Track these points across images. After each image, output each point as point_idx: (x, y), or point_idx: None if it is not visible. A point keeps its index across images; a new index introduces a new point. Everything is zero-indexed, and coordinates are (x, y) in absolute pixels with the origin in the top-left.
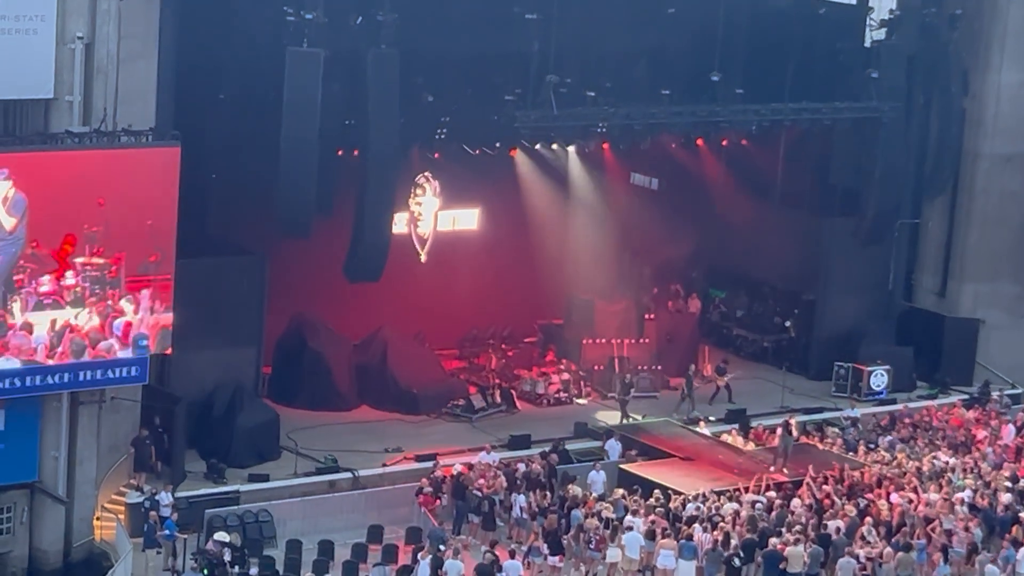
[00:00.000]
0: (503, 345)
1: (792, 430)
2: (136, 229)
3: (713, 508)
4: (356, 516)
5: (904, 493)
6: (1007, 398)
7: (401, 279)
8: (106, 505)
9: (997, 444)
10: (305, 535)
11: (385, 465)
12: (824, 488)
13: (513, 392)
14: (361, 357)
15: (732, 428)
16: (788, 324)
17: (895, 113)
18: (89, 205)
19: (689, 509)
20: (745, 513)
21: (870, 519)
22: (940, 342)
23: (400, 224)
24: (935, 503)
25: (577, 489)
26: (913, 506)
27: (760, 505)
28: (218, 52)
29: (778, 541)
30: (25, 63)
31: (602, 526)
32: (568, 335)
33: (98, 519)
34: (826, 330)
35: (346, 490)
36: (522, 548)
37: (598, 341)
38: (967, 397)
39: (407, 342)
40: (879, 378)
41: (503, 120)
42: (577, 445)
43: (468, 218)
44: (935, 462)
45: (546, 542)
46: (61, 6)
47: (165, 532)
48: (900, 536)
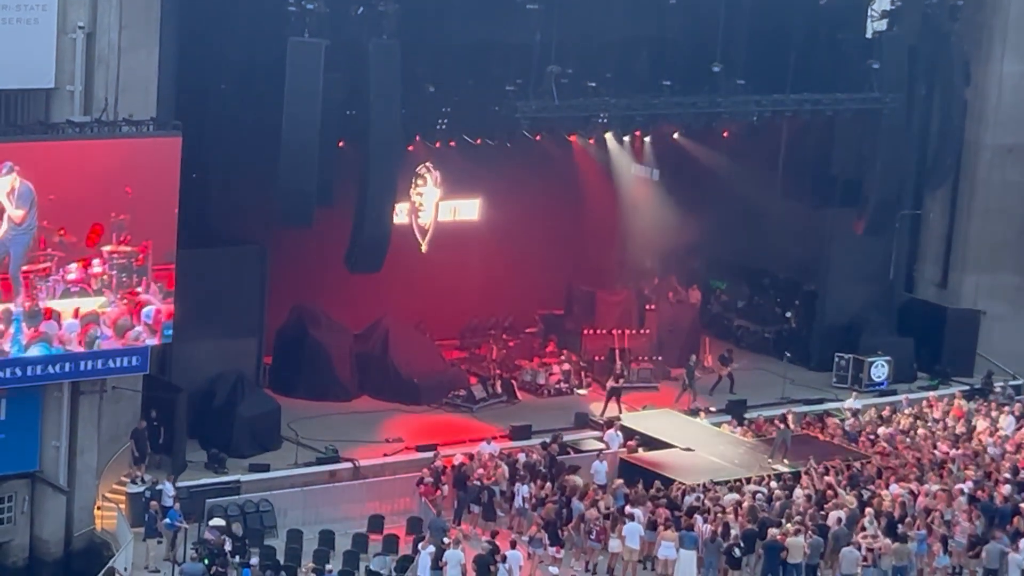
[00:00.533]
0: (504, 335)
1: (789, 423)
2: (165, 218)
3: (713, 499)
4: (357, 506)
5: (904, 484)
6: (1010, 389)
7: (402, 269)
8: (107, 495)
9: (997, 435)
10: (306, 525)
11: (386, 455)
12: (826, 479)
13: (514, 382)
14: (362, 347)
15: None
16: (789, 315)
17: (896, 104)
18: (117, 193)
19: (689, 499)
20: (746, 503)
21: (871, 510)
22: (941, 333)
23: (401, 214)
24: (935, 494)
25: (577, 479)
26: (913, 497)
27: (761, 495)
28: (219, 42)
29: (778, 531)
30: (26, 52)
31: (602, 516)
32: (569, 325)
33: (99, 509)
34: (827, 321)
35: (347, 480)
36: (523, 538)
37: (599, 332)
38: (968, 388)
39: (408, 332)
40: (880, 369)
41: (504, 110)
42: (577, 436)
43: (469, 208)
44: (935, 453)
45: (545, 532)
46: None
47: (167, 522)
48: (903, 527)
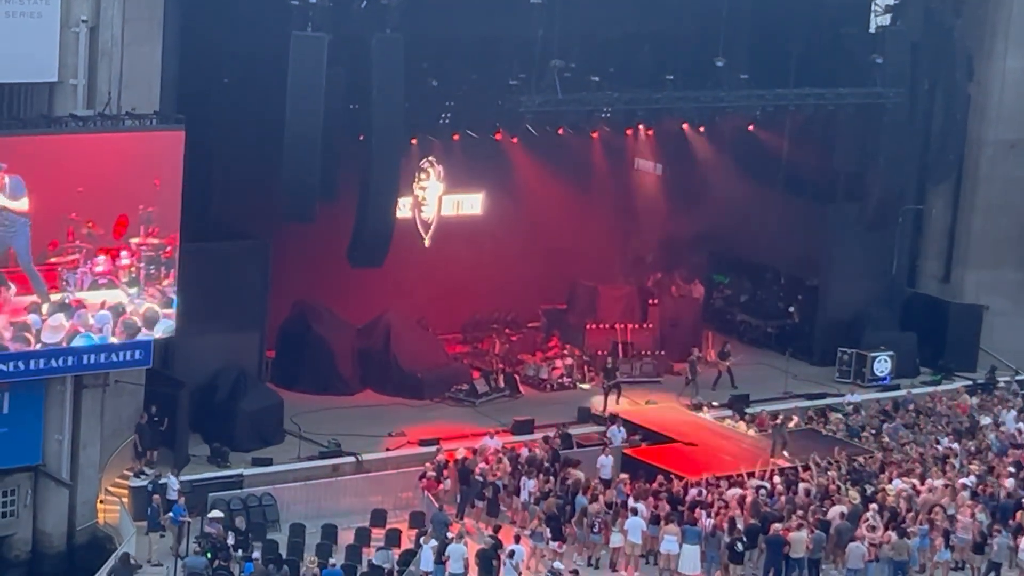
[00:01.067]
0: (507, 330)
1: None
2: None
3: (716, 493)
4: (359, 500)
5: (907, 479)
6: (1015, 384)
7: (405, 264)
8: (109, 488)
9: (1000, 430)
10: (308, 519)
11: (388, 449)
12: (829, 474)
13: (516, 377)
14: (364, 342)
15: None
16: (792, 310)
17: (899, 99)
18: (146, 185)
19: (692, 494)
20: (749, 498)
21: (875, 505)
22: (944, 328)
23: (404, 209)
24: (938, 489)
25: (579, 473)
26: (917, 492)
27: (764, 490)
28: (222, 36)
29: (781, 526)
30: (29, 46)
31: (604, 510)
32: (572, 320)
33: (101, 502)
34: (830, 316)
35: (349, 474)
36: (525, 532)
37: (601, 326)
38: (971, 383)
39: (410, 327)
40: (882, 364)
41: (507, 105)
42: (580, 430)
43: (472, 203)
44: (938, 448)
45: (547, 527)
46: None
47: (171, 515)
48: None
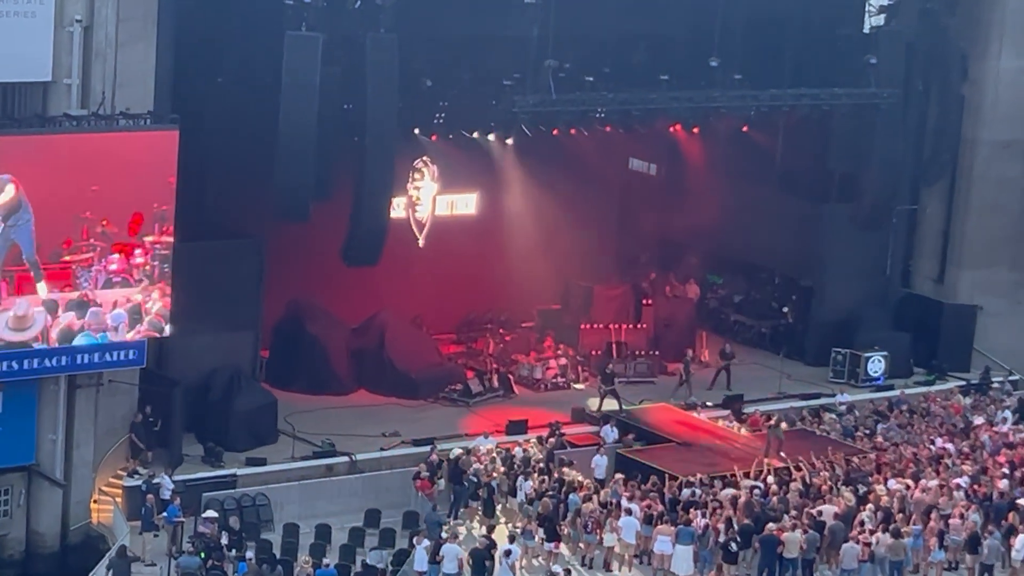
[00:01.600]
0: (501, 330)
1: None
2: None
3: (711, 493)
4: (353, 500)
5: (901, 479)
6: (1008, 384)
7: (399, 264)
8: (103, 488)
9: (994, 431)
10: (302, 519)
11: (383, 449)
12: (822, 474)
13: (511, 377)
14: (359, 341)
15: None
16: (786, 310)
17: (893, 99)
18: (160, 184)
19: (685, 494)
20: (742, 498)
21: (870, 505)
22: (937, 328)
23: (398, 208)
24: (932, 489)
25: (573, 473)
26: (910, 492)
27: (757, 490)
28: (217, 35)
29: (775, 526)
30: (24, 46)
31: (598, 510)
32: (566, 320)
33: (95, 502)
34: (823, 316)
35: (343, 474)
36: (516, 530)
37: (596, 326)
38: (964, 384)
39: (405, 326)
40: (876, 364)
41: (501, 104)
42: (575, 430)
43: (466, 203)
44: (932, 448)
45: (541, 527)
46: None
47: (165, 515)
48: (899, 522)
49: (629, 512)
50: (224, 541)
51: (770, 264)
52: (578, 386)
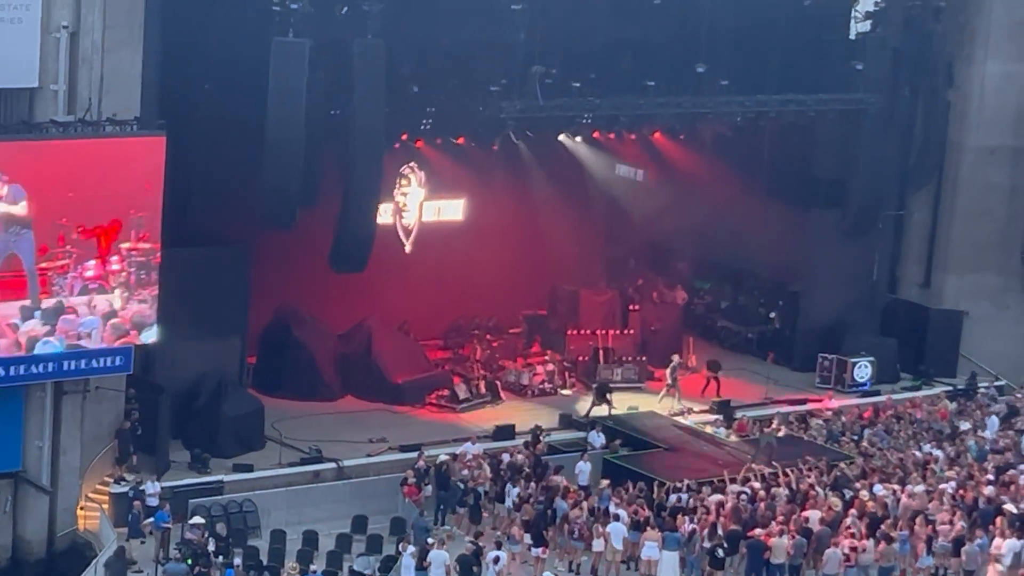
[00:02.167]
0: (488, 336)
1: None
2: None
3: (699, 499)
4: (340, 506)
5: (888, 485)
6: (993, 390)
7: (386, 270)
8: (90, 495)
9: (980, 436)
10: (289, 525)
11: (370, 455)
12: (808, 480)
13: (498, 383)
14: (346, 347)
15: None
16: (772, 315)
17: (880, 105)
18: (137, 190)
19: (672, 500)
20: (729, 504)
21: (854, 511)
22: (924, 334)
23: (385, 215)
24: (919, 495)
25: (561, 479)
26: (897, 498)
27: (745, 496)
28: (203, 41)
29: (762, 532)
30: (10, 52)
31: (585, 515)
32: (553, 326)
33: (82, 509)
34: (810, 321)
35: (330, 480)
36: (502, 536)
37: (583, 332)
38: (951, 389)
39: (392, 332)
40: (863, 370)
41: (489, 111)
42: (561, 436)
43: (453, 209)
44: (918, 453)
45: (527, 533)
46: None
47: (151, 521)
48: (885, 527)
49: (617, 518)
50: (211, 548)
51: (757, 270)
52: (565, 392)
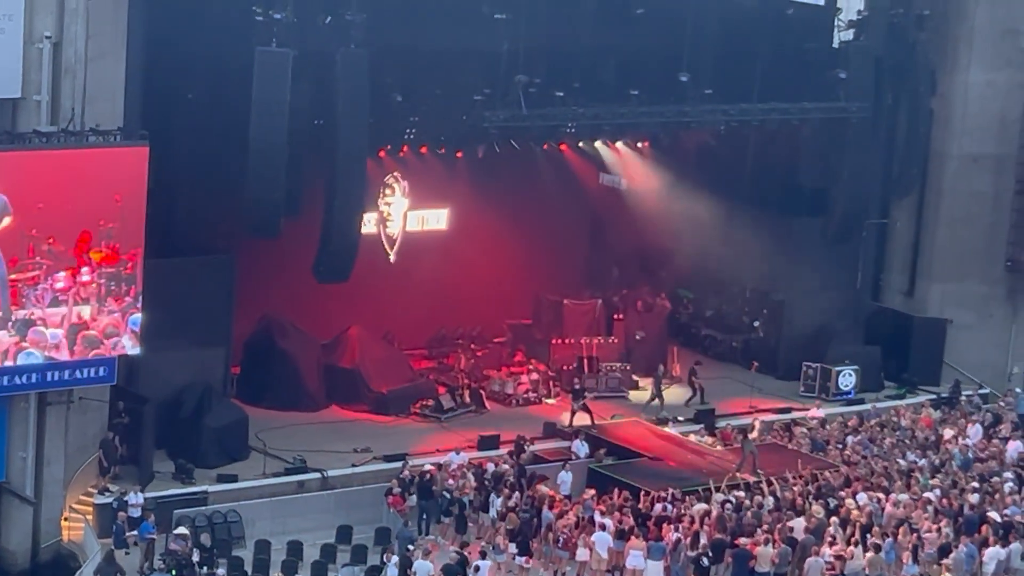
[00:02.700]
0: (472, 345)
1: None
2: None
3: (684, 508)
4: (325, 516)
5: (872, 493)
6: (977, 398)
7: (370, 279)
8: (74, 506)
9: (963, 444)
10: (274, 535)
11: (354, 465)
12: (793, 489)
13: (482, 392)
14: (330, 357)
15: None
16: (756, 324)
17: (863, 113)
18: (106, 201)
19: (657, 509)
20: (714, 513)
21: (836, 519)
22: (908, 342)
23: (369, 224)
24: (903, 503)
25: (545, 489)
26: (881, 506)
27: (729, 505)
28: (186, 51)
29: (748, 540)
30: None
31: (572, 525)
32: (537, 335)
33: (66, 520)
34: (794, 330)
35: (315, 490)
36: (488, 546)
37: (567, 341)
38: (935, 397)
39: (376, 342)
40: (847, 378)
41: (472, 120)
42: (546, 445)
43: (437, 218)
44: (902, 462)
45: (512, 542)
46: (29, 5)
47: (135, 532)
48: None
49: (603, 527)
50: (196, 558)
51: (741, 278)
52: (549, 401)
